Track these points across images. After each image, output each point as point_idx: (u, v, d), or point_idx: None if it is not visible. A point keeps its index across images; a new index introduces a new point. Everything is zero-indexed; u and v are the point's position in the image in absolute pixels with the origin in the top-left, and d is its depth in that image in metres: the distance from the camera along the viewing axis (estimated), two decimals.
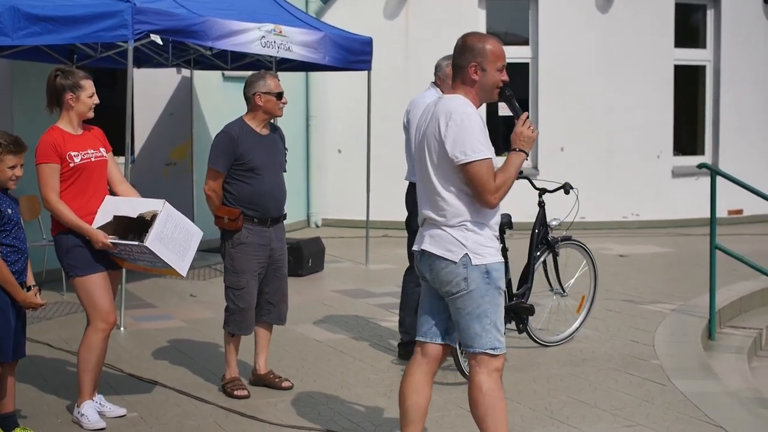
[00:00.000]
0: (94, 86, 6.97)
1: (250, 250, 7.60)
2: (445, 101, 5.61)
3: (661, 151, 18.56)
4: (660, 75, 18.46)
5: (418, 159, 5.66)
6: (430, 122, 5.57)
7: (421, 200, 5.69)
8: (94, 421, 6.85)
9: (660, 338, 9.50)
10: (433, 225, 5.59)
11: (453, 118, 5.44)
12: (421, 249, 5.63)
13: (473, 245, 5.50)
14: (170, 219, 6.78)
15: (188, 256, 6.89)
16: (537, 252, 8.97)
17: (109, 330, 6.93)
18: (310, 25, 12.81)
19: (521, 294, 8.74)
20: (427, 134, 5.58)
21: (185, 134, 15.54)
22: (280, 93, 7.68)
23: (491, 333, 5.61)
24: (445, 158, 5.47)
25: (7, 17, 10.09)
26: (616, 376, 8.23)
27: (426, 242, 5.61)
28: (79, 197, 6.79)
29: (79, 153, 6.80)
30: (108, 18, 9.90)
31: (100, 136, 7.09)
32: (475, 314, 5.56)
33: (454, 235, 5.50)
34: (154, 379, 8.10)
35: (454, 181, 5.49)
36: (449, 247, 5.51)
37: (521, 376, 8.24)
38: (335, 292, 12.08)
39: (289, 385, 7.85)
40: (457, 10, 18.07)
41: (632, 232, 17.86)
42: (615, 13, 18.18)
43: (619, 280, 12.79)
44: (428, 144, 5.56)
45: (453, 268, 5.51)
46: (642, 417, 7.12)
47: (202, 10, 10.87)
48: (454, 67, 5.71)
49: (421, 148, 5.63)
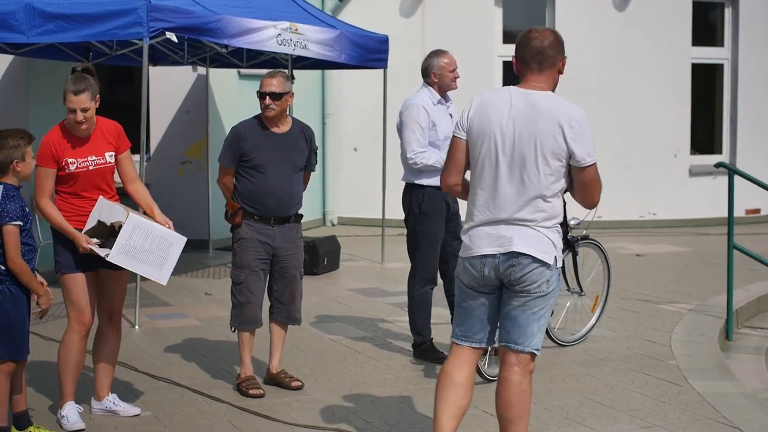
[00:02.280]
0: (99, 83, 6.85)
1: (249, 245, 7.62)
2: (547, 99, 5.54)
3: (678, 150, 18.48)
4: (677, 73, 18.38)
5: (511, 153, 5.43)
6: (538, 119, 5.43)
7: (507, 199, 5.46)
8: (73, 422, 6.82)
9: (677, 338, 9.46)
10: (522, 225, 5.46)
11: (577, 120, 5.46)
12: (511, 251, 5.43)
13: (559, 248, 5.56)
14: (137, 230, 6.58)
15: (167, 264, 6.74)
16: None
17: (84, 331, 6.87)
18: (326, 23, 12.78)
19: None
20: (538, 132, 5.41)
21: (201, 132, 15.53)
22: (261, 93, 7.65)
23: (541, 334, 5.62)
24: (560, 159, 5.44)
25: (22, 15, 10.08)
26: (632, 376, 8.19)
27: (517, 244, 5.43)
28: (74, 199, 6.76)
29: (76, 160, 6.73)
30: (123, 15, 9.89)
31: (113, 136, 6.94)
32: (539, 315, 5.54)
33: (549, 236, 5.49)
34: (169, 377, 8.09)
35: (561, 181, 5.53)
36: (544, 249, 5.46)
37: (537, 375, 8.15)
38: (351, 291, 12.06)
39: (298, 384, 7.83)
40: (474, 9, 18.03)
41: (649, 231, 17.79)
42: (632, 11, 18.11)
43: (636, 279, 12.74)
44: (542, 143, 5.40)
45: (543, 270, 5.45)
46: (659, 418, 7.08)
47: (218, 8, 10.85)
48: (547, 58, 5.60)
49: (513, 142, 5.42)
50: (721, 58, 19.19)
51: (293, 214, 7.82)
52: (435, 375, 8.13)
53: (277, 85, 7.65)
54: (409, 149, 8.49)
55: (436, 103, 8.62)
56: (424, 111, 8.51)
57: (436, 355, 8.59)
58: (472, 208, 5.59)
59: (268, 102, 7.63)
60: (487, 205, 5.51)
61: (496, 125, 5.47)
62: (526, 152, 5.41)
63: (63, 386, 6.91)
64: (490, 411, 7.14)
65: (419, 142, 8.46)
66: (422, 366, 8.50)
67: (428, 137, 8.49)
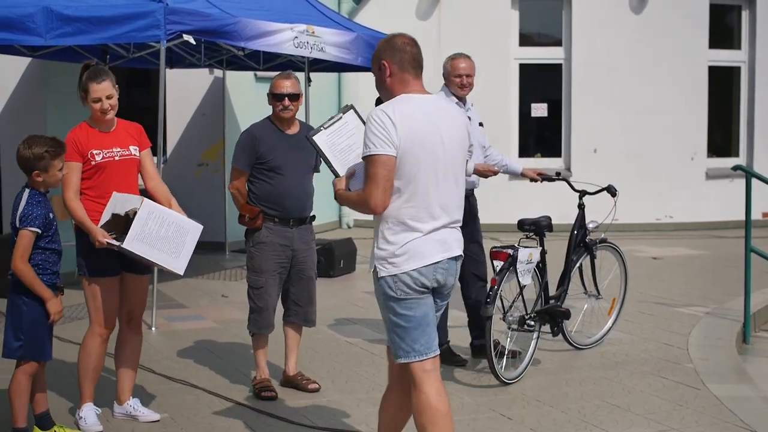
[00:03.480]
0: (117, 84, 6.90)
1: (269, 249, 7.61)
2: (448, 101, 5.82)
3: (695, 152, 18.44)
4: (694, 76, 18.34)
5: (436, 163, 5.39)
6: (453, 120, 5.55)
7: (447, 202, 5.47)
8: (91, 423, 6.85)
9: (694, 342, 9.43)
10: (453, 227, 5.53)
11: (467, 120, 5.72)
12: (456, 255, 5.54)
13: None
14: (152, 217, 6.53)
15: (184, 253, 6.67)
16: (575, 255, 8.91)
17: (105, 335, 6.91)
18: (342, 25, 12.78)
19: (557, 296, 8.69)
20: (458, 132, 5.53)
21: (217, 135, 15.55)
22: (279, 94, 7.65)
23: None
24: (466, 156, 5.64)
25: (40, 18, 10.11)
26: (649, 379, 8.17)
27: (456, 247, 5.53)
28: (100, 195, 6.77)
29: (101, 151, 6.77)
30: (140, 18, 9.91)
31: (135, 133, 7.04)
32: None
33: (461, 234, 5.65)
34: (185, 379, 8.10)
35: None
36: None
37: (554, 379, 8.19)
38: (367, 293, 12.04)
39: (315, 387, 7.83)
40: (490, 11, 18.03)
41: (666, 234, 17.75)
42: (649, 14, 18.08)
43: (653, 282, 12.71)
44: (462, 143, 5.55)
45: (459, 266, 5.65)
46: (676, 421, 7.06)
47: (235, 11, 10.87)
48: (421, 64, 5.58)
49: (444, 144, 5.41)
50: (738, 61, 19.15)
51: (309, 215, 7.84)
52: (452, 378, 8.13)
53: (293, 86, 7.67)
54: None
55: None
56: None
57: (452, 358, 8.58)
58: (407, 221, 5.39)
59: (287, 103, 7.63)
60: (432, 212, 5.41)
61: (425, 135, 5.39)
62: (456, 155, 5.50)
63: (82, 388, 6.93)
64: (508, 414, 7.16)
65: None
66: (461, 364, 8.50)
67: None
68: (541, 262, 8.37)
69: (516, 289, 8.08)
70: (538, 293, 8.45)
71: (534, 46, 18.64)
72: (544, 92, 18.74)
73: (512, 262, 7.91)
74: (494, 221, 15.87)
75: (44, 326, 6.34)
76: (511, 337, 8.19)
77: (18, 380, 6.36)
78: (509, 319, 8.06)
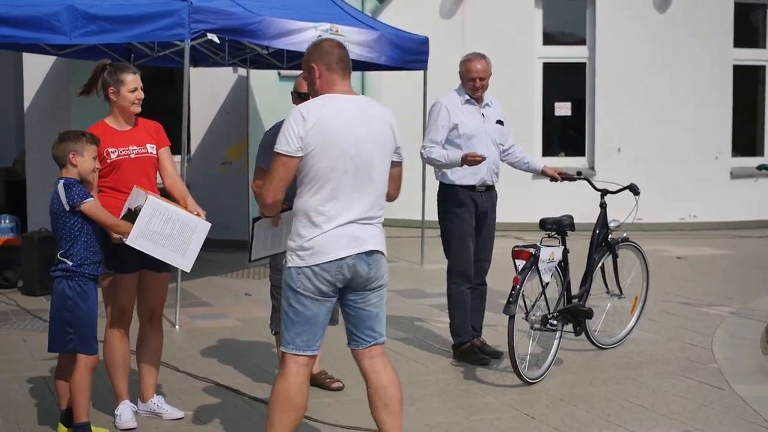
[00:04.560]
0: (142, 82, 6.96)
1: None
2: (371, 103, 5.77)
3: (719, 152, 18.37)
4: (719, 75, 18.28)
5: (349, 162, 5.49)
6: (372, 122, 5.63)
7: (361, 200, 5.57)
8: (125, 420, 6.89)
9: (718, 341, 9.40)
10: (369, 223, 5.63)
11: (394, 120, 5.79)
12: (372, 250, 5.65)
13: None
14: (157, 213, 6.48)
15: (190, 250, 6.64)
16: (597, 254, 8.89)
17: (123, 329, 6.94)
18: (366, 24, 12.79)
19: (579, 296, 8.67)
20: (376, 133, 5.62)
21: (241, 133, 15.57)
22: (303, 93, 7.67)
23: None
24: (389, 157, 5.71)
25: (65, 16, 10.15)
26: (673, 379, 8.14)
27: (372, 242, 5.63)
28: (115, 193, 6.78)
29: (117, 149, 6.80)
30: (165, 17, 9.95)
31: (154, 131, 7.06)
32: (383, 304, 5.89)
33: (381, 230, 5.74)
34: (209, 377, 8.11)
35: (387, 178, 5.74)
36: (384, 243, 5.75)
37: (577, 378, 8.18)
38: (390, 292, 11.89)
39: (339, 385, 7.84)
40: (514, 10, 18.01)
41: (689, 233, 17.69)
42: (673, 13, 18.02)
43: (677, 282, 12.67)
44: (380, 143, 5.63)
45: (384, 262, 5.75)
46: (700, 422, 7.03)
47: (259, 9, 10.89)
48: (349, 65, 5.76)
49: (359, 144, 5.52)
50: (763, 60, 19.08)
51: None
52: (475, 377, 8.13)
53: None
54: (422, 144, 8.71)
55: (464, 102, 8.66)
56: (444, 110, 8.63)
57: (476, 356, 8.58)
58: (314, 217, 5.51)
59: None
60: (340, 209, 5.51)
61: (338, 134, 5.48)
62: (373, 155, 5.57)
63: (114, 386, 6.98)
64: (531, 413, 7.15)
65: (431, 139, 8.64)
66: (462, 368, 8.48)
67: (447, 136, 8.59)
68: (563, 261, 8.36)
69: (538, 288, 8.07)
70: (561, 292, 8.43)
71: (558, 45, 18.60)
72: (567, 91, 18.70)
73: (534, 261, 7.90)
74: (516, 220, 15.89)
75: (92, 320, 6.38)
76: (534, 337, 8.17)
77: (81, 374, 6.41)
78: (531, 318, 8.05)
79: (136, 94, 6.87)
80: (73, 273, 6.34)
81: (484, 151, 8.53)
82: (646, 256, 9.45)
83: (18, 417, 7.10)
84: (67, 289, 6.36)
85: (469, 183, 8.59)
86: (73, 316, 6.36)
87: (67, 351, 6.46)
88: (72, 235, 6.35)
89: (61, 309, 6.39)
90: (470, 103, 8.66)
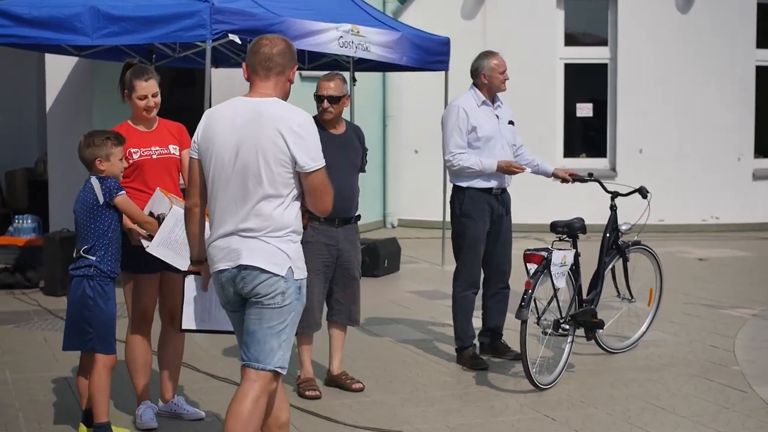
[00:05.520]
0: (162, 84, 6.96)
1: (314, 249, 7.60)
2: (271, 105, 5.32)
3: (741, 153, 18.30)
4: (741, 76, 18.20)
5: (233, 164, 5.25)
6: (260, 127, 5.24)
7: (231, 209, 5.27)
8: (146, 420, 6.91)
9: (740, 344, 9.36)
10: (248, 237, 5.24)
11: (299, 125, 5.25)
12: (239, 265, 5.24)
13: (296, 258, 5.32)
14: (180, 223, 6.38)
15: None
16: (607, 257, 8.82)
17: (145, 330, 6.96)
18: (387, 25, 12.79)
19: (590, 300, 8.60)
20: (260, 140, 5.22)
21: None
22: (319, 96, 7.68)
23: (284, 350, 5.34)
24: (283, 165, 5.22)
25: (87, 17, 10.19)
26: (695, 381, 8.11)
27: (246, 256, 5.22)
28: (138, 193, 6.79)
29: (139, 150, 6.82)
30: (186, 18, 9.97)
31: (177, 132, 7.07)
32: (277, 330, 5.29)
33: (280, 246, 5.25)
34: (229, 378, 8.11)
35: (291, 189, 5.29)
36: (274, 260, 5.24)
37: (598, 380, 8.15)
38: (411, 293, 12.05)
39: (360, 386, 7.84)
40: (535, 11, 17.99)
41: (711, 235, 17.63)
42: (695, 13, 17.96)
43: (698, 284, 12.62)
44: (263, 150, 5.20)
45: (275, 281, 5.23)
46: (722, 424, 7.00)
47: (280, 10, 10.90)
48: (276, 65, 5.42)
49: (237, 153, 5.23)
50: None
51: (354, 214, 7.84)
52: (495, 379, 8.12)
53: (335, 89, 7.67)
54: (447, 150, 8.55)
55: (480, 104, 8.59)
56: (463, 112, 8.50)
57: (474, 362, 8.52)
58: (210, 224, 5.44)
59: (326, 105, 7.65)
60: (220, 218, 5.32)
61: (221, 137, 5.30)
62: (251, 161, 5.21)
63: (135, 387, 7.01)
64: (552, 415, 7.14)
65: (457, 144, 8.49)
66: (482, 369, 8.46)
67: (467, 139, 8.49)
68: (575, 265, 8.30)
69: (550, 292, 8.02)
70: (572, 296, 8.38)
71: (579, 46, 18.56)
72: (589, 92, 18.66)
73: (546, 265, 7.85)
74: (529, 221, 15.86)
75: (111, 320, 6.40)
76: (546, 342, 8.11)
77: (99, 374, 6.43)
78: (543, 323, 8.00)
79: (146, 101, 6.83)
80: (95, 272, 6.37)
81: (501, 153, 8.50)
82: (660, 259, 9.37)
83: (39, 416, 7.14)
84: (88, 288, 6.38)
85: (486, 186, 8.54)
86: (92, 315, 6.38)
87: (87, 350, 6.49)
88: (101, 231, 6.39)
89: (81, 308, 6.41)
90: (486, 104, 8.60)
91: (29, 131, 16.88)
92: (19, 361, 8.75)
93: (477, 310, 8.73)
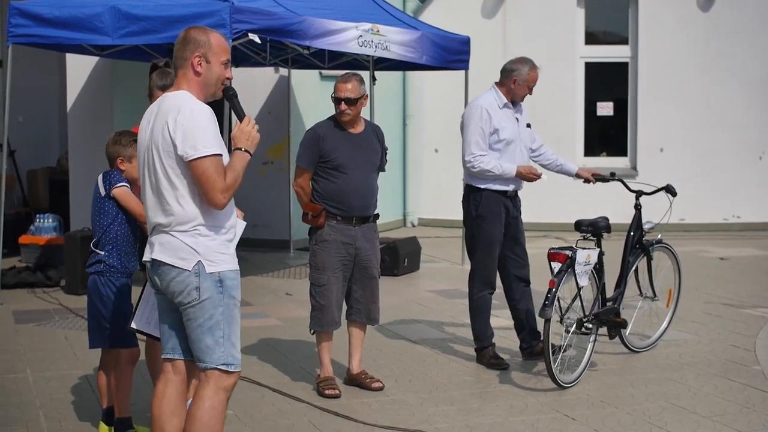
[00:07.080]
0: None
1: (332, 247, 7.62)
2: (170, 98, 5.26)
3: (763, 152, 18.21)
4: (762, 74, 18.10)
5: (145, 161, 5.28)
6: (157, 121, 5.23)
7: (150, 206, 5.29)
8: None
9: (762, 343, 9.32)
10: (162, 231, 5.24)
11: (182, 113, 5.13)
12: (152, 258, 5.26)
13: (206, 252, 5.22)
14: None
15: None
16: (631, 256, 8.80)
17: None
18: (407, 24, 12.79)
19: (614, 299, 8.59)
20: (154, 133, 5.22)
21: (282, 133, 15.61)
22: (336, 98, 7.67)
23: (224, 347, 5.30)
24: (175, 156, 5.15)
25: (107, 17, 10.24)
26: (715, 381, 8.08)
27: (156, 251, 5.25)
28: None
29: None
30: (206, 17, 9.98)
31: None
32: (207, 326, 5.24)
33: (186, 241, 5.19)
34: (249, 377, 8.12)
35: (186, 181, 5.18)
36: (181, 255, 5.19)
37: (619, 380, 8.13)
38: (431, 292, 12.04)
39: (379, 386, 7.84)
40: (556, 10, 17.95)
41: (733, 234, 17.55)
42: (716, 12, 17.89)
43: (719, 283, 12.58)
44: (156, 143, 5.19)
45: (185, 277, 5.19)
46: (743, 424, 6.97)
47: (300, 10, 10.91)
48: (177, 59, 5.32)
49: (148, 149, 5.26)
50: None
51: (373, 213, 7.85)
52: (515, 378, 8.10)
53: (352, 90, 7.65)
54: (468, 151, 8.45)
55: (501, 106, 8.52)
56: (486, 114, 8.43)
57: (492, 361, 8.51)
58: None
59: (343, 108, 7.65)
60: (148, 213, 5.35)
61: (141, 134, 5.38)
62: (153, 155, 5.22)
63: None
64: (572, 415, 7.12)
65: (479, 145, 8.41)
66: (502, 369, 8.45)
67: (489, 141, 8.43)
68: (599, 264, 8.28)
69: (573, 291, 8.01)
70: (596, 295, 8.36)
71: (600, 45, 18.51)
72: (610, 91, 18.61)
73: (570, 264, 7.84)
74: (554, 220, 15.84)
75: (126, 316, 6.42)
76: (569, 341, 8.10)
77: (122, 368, 6.48)
78: (566, 321, 7.98)
79: None
80: (105, 267, 6.42)
81: (519, 157, 8.47)
82: (679, 258, 9.33)
83: (60, 415, 7.16)
84: (100, 285, 6.43)
85: (503, 189, 8.50)
86: (107, 311, 6.42)
87: (108, 347, 6.51)
88: (106, 224, 6.43)
89: (95, 305, 6.46)
90: (507, 107, 8.54)
91: (50, 131, 16.95)
92: (41, 359, 8.78)
93: (495, 309, 8.72)
